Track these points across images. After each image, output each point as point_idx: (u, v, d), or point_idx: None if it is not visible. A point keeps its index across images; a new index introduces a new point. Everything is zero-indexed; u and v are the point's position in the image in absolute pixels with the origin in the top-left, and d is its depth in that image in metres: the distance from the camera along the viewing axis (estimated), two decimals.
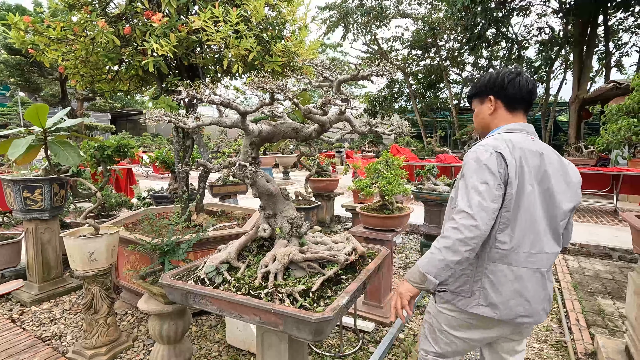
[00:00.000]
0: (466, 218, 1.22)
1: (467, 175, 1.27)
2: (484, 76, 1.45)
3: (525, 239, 1.29)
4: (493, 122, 1.45)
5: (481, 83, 1.44)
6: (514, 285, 1.30)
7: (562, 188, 1.33)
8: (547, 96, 13.36)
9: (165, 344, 2.16)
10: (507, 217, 1.28)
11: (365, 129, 1.48)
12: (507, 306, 1.30)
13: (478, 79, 1.47)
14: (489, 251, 1.32)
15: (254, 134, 1.31)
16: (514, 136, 1.34)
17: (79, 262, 2.37)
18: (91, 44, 2.82)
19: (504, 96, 1.40)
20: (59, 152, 2.30)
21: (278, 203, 1.67)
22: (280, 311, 1.27)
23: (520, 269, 1.29)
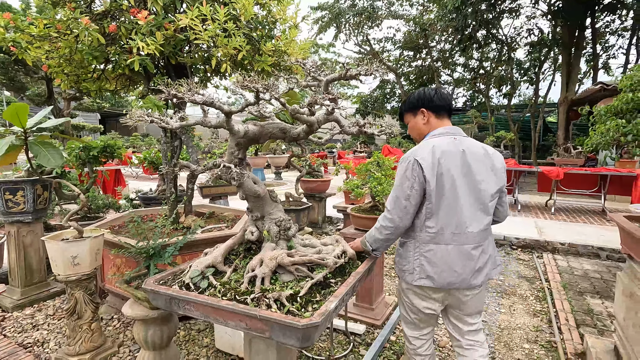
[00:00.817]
0: (387, 212, 1.64)
1: (396, 180, 1.64)
2: (412, 95, 1.77)
3: (450, 222, 1.59)
4: (427, 129, 1.75)
5: (412, 100, 1.75)
6: (444, 259, 1.61)
7: (487, 176, 1.62)
8: (537, 97, 13.52)
9: (151, 350, 2.10)
10: (431, 208, 1.59)
11: (355, 129, 1.45)
12: (440, 277, 1.62)
13: (407, 99, 1.79)
14: (421, 235, 1.64)
15: (239, 134, 1.27)
16: (438, 140, 1.63)
17: (61, 267, 2.30)
18: (75, 42, 2.74)
19: (433, 107, 1.72)
20: (40, 152, 2.22)
21: (266, 205, 1.64)
22: (267, 317, 1.23)
23: (448, 246, 1.60)
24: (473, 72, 16.06)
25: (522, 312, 3.15)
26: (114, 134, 14.37)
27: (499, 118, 16.77)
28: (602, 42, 13.00)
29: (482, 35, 13.51)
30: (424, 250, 1.63)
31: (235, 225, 3.07)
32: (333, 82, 1.28)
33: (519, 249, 4.92)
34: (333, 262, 1.57)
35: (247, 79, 1.09)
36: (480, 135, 12.19)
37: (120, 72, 3.45)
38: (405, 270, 1.71)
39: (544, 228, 5.52)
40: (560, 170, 6.27)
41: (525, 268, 4.23)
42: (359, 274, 1.61)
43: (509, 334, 2.80)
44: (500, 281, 3.83)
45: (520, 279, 3.89)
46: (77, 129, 9.35)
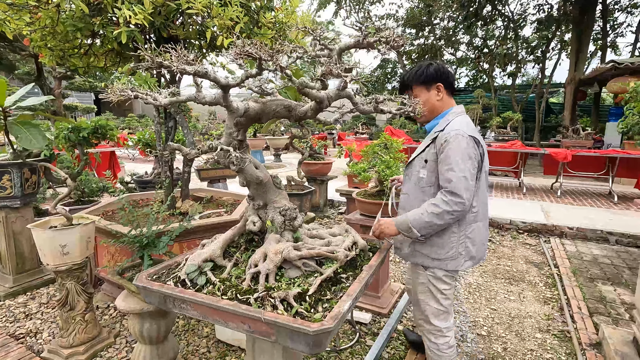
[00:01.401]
0: (454, 196, 1.47)
1: (451, 160, 1.49)
2: (426, 67, 1.65)
3: (484, 201, 1.66)
4: (440, 107, 1.69)
5: (429, 72, 1.64)
6: (480, 236, 1.67)
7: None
8: (543, 77, 13.18)
9: (147, 344, 1.99)
10: (476, 187, 1.56)
11: (370, 107, 1.27)
12: (478, 254, 1.68)
13: (417, 70, 1.67)
14: (467, 217, 1.61)
15: (238, 112, 1.10)
16: (466, 118, 1.63)
17: (50, 256, 2.15)
18: (57, 12, 2.50)
19: (449, 84, 1.67)
20: (20, 133, 2.04)
21: (269, 192, 1.47)
22: (273, 320, 1.09)
23: (481, 223, 1.66)
24: (477, 50, 15.61)
25: (532, 300, 3.06)
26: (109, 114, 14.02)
27: (502, 99, 16.44)
28: (610, 19, 12.56)
29: (487, 12, 13.03)
30: (468, 231, 1.62)
31: (235, 211, 2.91)
32: (348, 50, 1.09)
33: (525, 233, 4.81)
34: (344, 255, 1.43)
35: (249, 44, 0.91)
36: (485, 116, 11.93)
37: (110, 48, 3.21)
38: (445, 258, 1.64)
39: (551, 212, 5.40)
40: (569, 152, 6.10)
41: (532, 253, 4.13)
42: (372, 267, 1.47)
43: (519, 322, 2.71)
44: (508, 267, 3.73)
45: (528, 265, 3.79)
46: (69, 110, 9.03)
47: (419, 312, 1.84)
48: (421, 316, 1.82)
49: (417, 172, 1.65)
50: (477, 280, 3.41)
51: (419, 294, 1.78)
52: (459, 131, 1.51)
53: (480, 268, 3.69)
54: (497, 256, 4.02)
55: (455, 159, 1.47)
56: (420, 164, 1.64)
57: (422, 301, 1.77)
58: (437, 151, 1.55)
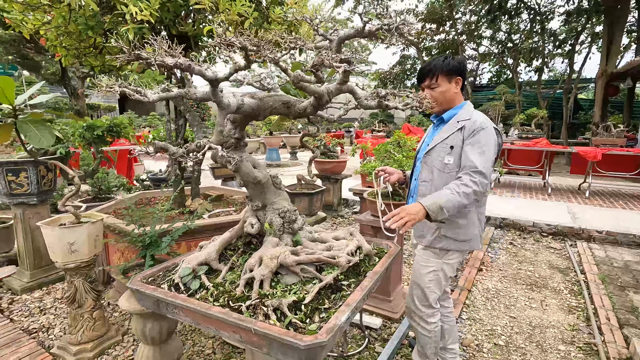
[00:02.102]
0: (483, 177, 1.53)
1: (482, 144, 1.58)
2: (451, 58, 1.69)
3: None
4: (456, 99, 1.74)
5: (454, 63, 1.68)
6: (484, 216, 1.80)
7: None
8: (571, 72, 12.54)
9: (150, 344, 1.96)
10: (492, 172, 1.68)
11: (373, 102, 1.18)
12: (482, 233, 1.80)
13: (444, 59, 1.69)
14: (483, 199, 1.74)
15: (230, 108, 1.03)
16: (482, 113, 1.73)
17: (59, 254, 2.17)
18: (68, 11, 2.52)
19: (464, 80, 1.75)
20: (29, 132, 2.05)
21: (267, 193, 1.40)
22: (263, 332, 1.01)
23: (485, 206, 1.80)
24: (501, 45, 15.06)
25: (555, 308, 2.87)
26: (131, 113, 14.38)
27: (527, 95, 15.79)
28: None
29: (512, 5, 12.52)
30: (480, 213, 1.74)
31: (243, 211, 2.86)
32: (348, 39, 1.01)
33: (549, 236, 4.56)
34: (346, 260, 1.34)
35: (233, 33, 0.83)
36: (508, 113, 11.46)
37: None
38: (470, 238, 1.71)
39: (578, 213, 5.11)
40: (599, 150, 5.76)
41: (557, 257, 3.91)
42: (377, 274, 1.38)
43: (541, 332, 2.54)
44: (530, 272, 3.53)
45: (552, 270, 3.58)
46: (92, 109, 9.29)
47: (420, 298, 1.83)
48: (423, 302, 1.82)
49: (442, 159, 1.67)
50: (496, 285, 3.25)
51: (427, 281, 1.79)
52: (485, 121, 1.63)
53: (500, 273, 3.51)
54: (519, 260, 3.82)
55: (488, 144, 1.58)
56: (445, 150, 1.65)
57: (428, 288, 1.79)
58: (465, 137, 1.61)
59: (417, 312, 1.86)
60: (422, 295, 1.81)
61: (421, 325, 1.87)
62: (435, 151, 1.70)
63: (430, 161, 1.71)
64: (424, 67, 1.74)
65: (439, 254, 1.76)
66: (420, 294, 1.82)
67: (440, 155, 1.67)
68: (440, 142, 1.67)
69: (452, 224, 1.68)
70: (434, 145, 1.70)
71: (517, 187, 7.10)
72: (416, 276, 1.83)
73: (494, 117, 10.54)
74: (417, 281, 1.82)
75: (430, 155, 1.72)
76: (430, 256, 1.77)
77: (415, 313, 1.87)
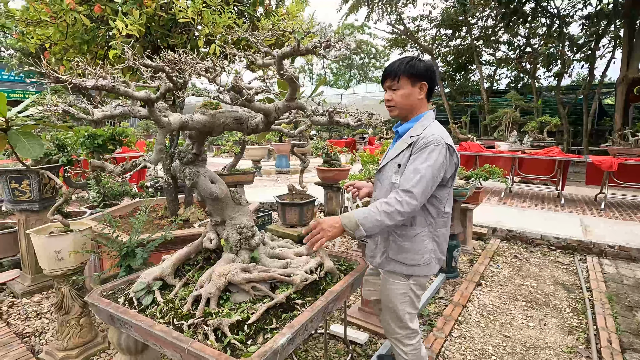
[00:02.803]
0: (411, 197, 1.41)
1: (424, 161, 1.46)
2: (418, 61, 1.56)
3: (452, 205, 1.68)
4: (419, 107, 1.62)
5: (420, 67, 1.55)
6: (445, 239, 1.67)
7: None
8: (592, 77, 12.08)
9: (126, 354, 1.97)
10: (449, 193, 1.61)
11: (324, 119, 1.15)
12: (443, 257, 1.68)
13: (409, 60, 1.55)
14: (438, 221, 1.60)
15: (170, 127, 1.03)
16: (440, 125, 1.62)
17: (45, 261, 2.23)
18: (66, 26, 2.62)
19: (432, 87, 1.60)
20: (19, 143, 2.12)
21: (226, 208, 1.40)
22: (196, 352, 1.00)
23: (447, 228, 1.67)
24: (518, 50, 14.70)
25: (554, 328, 2.73)
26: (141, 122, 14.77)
27: (547, 101, 15.31)
28: None
29: (529, 9, 12.23)
30: (436, 236, 1.61)
31: None
32: (286, 57, 0.99)
33: (558, 250, 4.37)
34: (301, 279, 1.31)
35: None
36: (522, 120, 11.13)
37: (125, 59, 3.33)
38: (421, 263, 1.60)
39: (591, 226, 4.87)
40: (614, 160, 5.50)
41: (563, 273, 3.73)
42: (334, 293, 1.34)
43: (535, 354, 2.42)
44: (532, 288, 3.38)
45: (556, 287, 3.41)
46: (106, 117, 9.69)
47: (394, 320, 1.74)
48: (398, 324, 1.73)
49: (389, 177, 1.59)
50: (494, 302, 3.12)
51: (398, 304, 1.68)
52: (436, 137, 1.49)
53: (500, 288, 3.38)
54: (522, 275, 3.67)
55: (426, 162, 1.45)
56: (393, 169, 1.58)
57: (401, 310, 1.69)
58: (412, 154, 1.51)
59: (393, 333, 1.78)
60: (396, 317, 1.72)
61: (399, 347, 1.78)
62: (385, 169, 1.64)
63: (381, 179, 1.67)
64: (388, 66, 1.60)
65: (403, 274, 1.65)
66: (393, 316, 1.73)
67: (388, 174, 1.61)
68: (390, 160, 1.61)
69: (399, 247, 1.59)
70: (386, 163, 1.64)
71: (529, 197, 6.86)
72: (386, 299, 1.73)
73: (507, 123, 10.26)
74: (388, 304, 1.72)
75: (382, 173, 1.67)
76: (397, 280, 1.66)
77: (391, 334, 1.79)
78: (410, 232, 1.57)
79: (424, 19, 15.75)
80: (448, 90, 16.94)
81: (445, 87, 16.69)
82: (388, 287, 1.69)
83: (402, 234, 1.58)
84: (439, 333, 2.60)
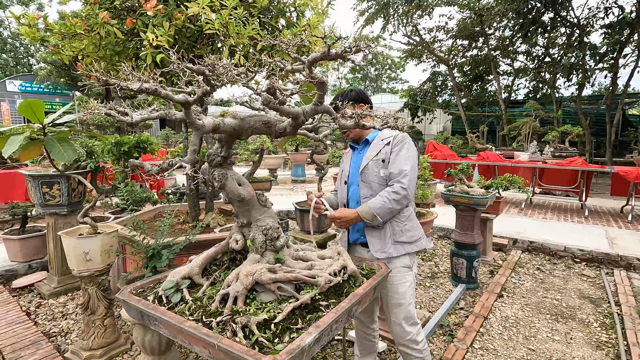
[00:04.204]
0: (411, 182, 1.74)
1: (409, 155, 1.80)
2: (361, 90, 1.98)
3: None
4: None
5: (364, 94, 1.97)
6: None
7: None
8: (615, 87, 11.77)
9: (149, 354, 2.02)
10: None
11: (351, 122, 1.19)
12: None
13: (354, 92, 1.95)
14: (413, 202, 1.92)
15: (204, 129, 1.08)
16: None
17: (74, 262, 2.32)
18: (99, 39, 2.76)
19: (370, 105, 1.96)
20: (54, 148, 2.24)
21: (253, 210, 1.43)
22: (226, 348, 1.02)
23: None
24: (537, 60, 14.50)
25: (581, 342, 2.63)
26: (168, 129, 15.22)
27: (568, 111, 14.97)
28: None
29: (548, 19, 12.09)
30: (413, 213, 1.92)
31: None
32: (316, 62, 1.03)
33: (582, 262, 4.22)
34: (325, 280, 1.33)
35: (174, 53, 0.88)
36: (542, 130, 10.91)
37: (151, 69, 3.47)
38: (420, 237, 1.87)
39: (617, 239, 4.70)
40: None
41: (589, 287, 3.60)
42: (358, 296, 1.35)
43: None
44: (556, 300, 3.28)
45: (582, 300, 3.30)
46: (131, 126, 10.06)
47: (406, 318, 1.81)
48: (409, 321, 1.82)
49: (377, 172, 1.82)
50: (517, 313, 3.04)
51: (408, 297, 1.82)
52: (403, 136, 1.83)
53: (522, 300, 3.29)
54: (545, 287, 3.56)
55: (410, 155, 1.79)
56: (379, 165, 1.82)
57: (410, 304, 1.82)
58: (392, 149, 1.80)
59: (405, 336, 1.81)
60: (407, 315, 1.80)
61: (413, 347, 1.82)
62: (368, 169, 1.84)
63: (367, 178, 1.84)
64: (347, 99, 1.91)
65: (409, 264, 1.84)
66: (405, 314, 1.80)
67: (375, 171, 1.82)
68: (372, 159, 1.84)
69: (402, 229, 1.82)
70: (367, 163, 1.85)
71: (550, 208, 6.68)
72: (396, 298, 1.82)
73: (527, 133, 10.06)
74: (399, 302, 1.81)
75: (365, 173, 1.85)
76: (404, 272, 1.82)
77: (404, 338, 1.82)
78: (406, 213, 1.84)
79: (439, 29, 15.76)
80: (465, 100, 16.80)
81: (462, 98, 16.55)
82: (399, 283, 1.81)
83: (402, 216, 1.82)
84: (460, 344, 2.54)
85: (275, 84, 0.94)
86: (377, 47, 18.43)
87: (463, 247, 3.49)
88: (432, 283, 3.65)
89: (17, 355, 2.40)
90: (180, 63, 0.93)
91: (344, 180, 1.99)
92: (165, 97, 0.99)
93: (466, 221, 3.51)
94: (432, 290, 3.50)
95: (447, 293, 3.41)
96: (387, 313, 1.87)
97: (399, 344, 1.86)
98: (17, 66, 23.61)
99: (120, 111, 1.08)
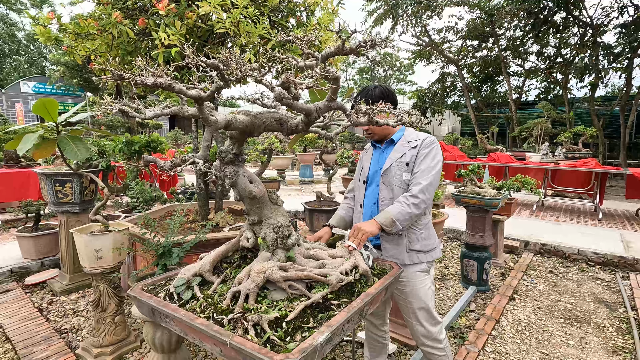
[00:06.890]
0: (431, 186, 1.67)
1: (435, 159, 1.71)
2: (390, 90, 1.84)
3: None
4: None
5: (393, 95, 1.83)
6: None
7: None
8: (629, 87, 11.54)
9: (159, 352, 2.02)
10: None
11: (364, 118, 1.17)
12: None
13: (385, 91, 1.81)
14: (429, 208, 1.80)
15: (217, 125, 1.07)
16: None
17: (86, 259, 2.34)
18: (111, 38, 2.79)
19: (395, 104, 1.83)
20: (67, 146, 2.26)
21: (264, 208, 1.42)
22: (238, 346, 1.01)
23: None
24: (549, 60, 14.30)
25: (597, 347, 2.57)
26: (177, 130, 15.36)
27: (580, 112, 14.73)
28: None
29: (560, 18, 11.92)
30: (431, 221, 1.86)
31: None
32: (330, 57, 1.02)
33: (597, 266, 4.13)
34: (337, 279, 1.31)
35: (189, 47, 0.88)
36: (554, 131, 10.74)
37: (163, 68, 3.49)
38: (434, 247, 1.81)
39: (633, 242, 4.59)
40: None
41: (604, 290, 3.52)
42: (370, 295, 1.33)
43: None
44: (570, 304, 3.21)
45: (597, 304, 3.22)
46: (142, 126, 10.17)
47: (428, 320, 1.79)
48: (431, 322, 1.79)
49: (400, 176, 1.75)
50: (529, 317, 2.98)
51: (429, 299, 1.78)
52: (433, 139, 1.76)
53: (535, 303, 3.22)
54: (558, 291, 3.49)
55: (436, 159, 1.71)
56: (402, 167, 1.75)
57: (431, 305, 1.79)
58: (419, 152, 1.72)
59: (429, 335, 1.79)
60: (429, 315, 1.78)
61: (436, 347, 1.80)
62: (391, 170, 1.76)
63: (388, 180, 1.77)
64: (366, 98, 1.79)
65: (425, 268, 1.79)
66: (427, 315, 1.78)
67: (397, 174, 1.75)
68: (396, 160, 1.75)
69: (417, 237, 1.76)
70: (390, 165, 1.77)
71: (563, 210, 6.56)
72: (417, 301, 1.78)
73: (538, 134, 9.92)
74: (421, 305, 1.77)
75: (386, 175, 1.78)
76: (422, 277, 1.78)
77: (427, 337, 1.79)
78: (424, 221, 1.78)
79: (449, 30, 15.66)
80: (474, 101, 16.64)
81: (472, 99, 16.39)
82: (418, 287, 1.76)
83: (419, 224, 1.76)
84: (472, 347, 2.50)
85: (290, 78, 0.94)
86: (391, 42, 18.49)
87: (474, 249, 3.44)
88: (442, 285, 3.61)
89: (29, 350, 2.42)
90: (195, 57, 0.93)
91: (363, 180, 1.90)
92: (179, 92, 0.99)
93: (477, 222, 3.46)
94: (442, 292, 3.46)
95: (457, 295, 3.36)
96: (407, 317, 1.83)
97: (421, 345, 1.82)
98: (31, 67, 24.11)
99: (133, 107, 1.07)
